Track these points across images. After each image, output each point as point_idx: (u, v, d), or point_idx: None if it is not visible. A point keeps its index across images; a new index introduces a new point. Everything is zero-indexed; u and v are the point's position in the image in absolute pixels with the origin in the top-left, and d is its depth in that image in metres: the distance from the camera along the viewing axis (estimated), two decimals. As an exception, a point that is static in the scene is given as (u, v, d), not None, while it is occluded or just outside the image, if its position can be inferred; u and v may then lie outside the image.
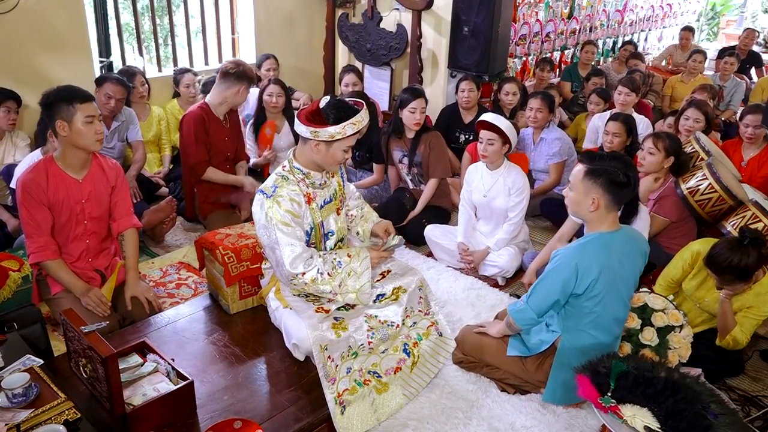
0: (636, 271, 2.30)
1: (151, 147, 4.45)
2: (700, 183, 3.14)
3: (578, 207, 2.24)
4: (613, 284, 2.20)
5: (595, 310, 2.23)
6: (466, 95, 4.49)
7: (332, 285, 2.34)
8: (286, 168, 2.41)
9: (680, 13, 9.07)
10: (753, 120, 3.85)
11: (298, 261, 2.29)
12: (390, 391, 2.34)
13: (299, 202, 2.35)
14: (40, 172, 2.49)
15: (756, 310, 2.64)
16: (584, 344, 2.26)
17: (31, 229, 2.51)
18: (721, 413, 1.81)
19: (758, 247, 2.47)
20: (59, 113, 2.42)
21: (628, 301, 2.33)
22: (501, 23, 4.71)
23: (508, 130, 3.28)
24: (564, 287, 2.19)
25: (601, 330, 2.27)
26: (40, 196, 2.47)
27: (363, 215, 2.73)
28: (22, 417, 1.80)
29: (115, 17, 4.59)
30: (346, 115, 2.27)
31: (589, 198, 2.18)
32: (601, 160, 2.20)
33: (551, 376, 2.35)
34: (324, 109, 2.28)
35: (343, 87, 4.56)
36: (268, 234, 2.30)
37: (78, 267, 2.64)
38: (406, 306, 2.47)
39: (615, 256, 2.19)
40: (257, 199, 2.37)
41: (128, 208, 2.76)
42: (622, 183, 2.15)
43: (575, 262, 2.16)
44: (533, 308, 2.28)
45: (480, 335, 2.57)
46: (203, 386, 2.22)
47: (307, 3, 5.59)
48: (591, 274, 2.15)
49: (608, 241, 2.20)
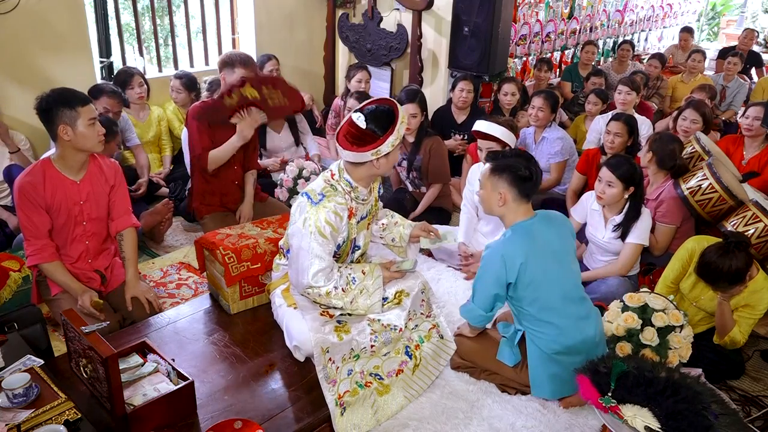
0: (568, 246, 2.40)
1: (151, 147, 4.45)
2: (700, 183, 3.14)
3: (488, 203, 2.40)
4: (545, 267, 2.28)
5: (537, 297, 2.28)
6: (464, 96, 4.47)
7: (344, 301, 2.34)
8: (335, 177, 2.36)
9: (680, 13, 9.06)
10: (755, 112, 3.84)
11: (320, 274, 2.27)
12: (391, 393, 2.34)
13: (342, 216, 2.31)
14: (38, 175, 2.48)
15: (751, 309, 2.64)
16: (545, 333, 2.30)
17: (28, 232, 2.51)
18: (721, 413, 1.81)
19: (744, 249, 2.48)
20: (62, 118, 2.40)
21: (572, 277, 2.37)
22: (501, 23, 4.70)
23: (503, 136, 3.28)
24: (497, 280, 2.28)
25: (554, 313, 2.29)
26: (38, 199, 2.47)
27: (396, 221, 2.72)
28: (23, 417, 1.80)
29: (115, 17, 4.59)
30: (388, 119, 2.24)
31: (496, 193, 2.34)
32: (504, 157, 2.39)
33: (530, 373, 2.37)
34: (369, 126, 2.23)
35: (354, 83, 4.54)
36: (300, 238, 2.26)
37: (78, 268, 2.64)
38: (410, 309, 2.46)
39: (539, 240, 2.30)
40: (299, 201, 2.34)
41: (126, 207, 2.75)
42: (525, 177, 2.31)
43: (500, 254, 2.27)
44: (479, 306, 2.38)
45: (473, 341, 2.57)
46: (204, 386, 2.22)
47: (308, 3, 5.59)
48: (517, 260, 2.24)
49: (527, 228, 2.32)
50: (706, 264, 2.54)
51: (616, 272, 3.05)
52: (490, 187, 2.37)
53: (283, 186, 3.91)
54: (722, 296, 2.61)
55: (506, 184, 2.32)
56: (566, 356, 2.28)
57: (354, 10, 5.55)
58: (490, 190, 2.37)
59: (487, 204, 2.41)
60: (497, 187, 2.34)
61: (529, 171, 2.32)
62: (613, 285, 2.99)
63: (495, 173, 2.35)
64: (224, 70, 3.39)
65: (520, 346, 2.42)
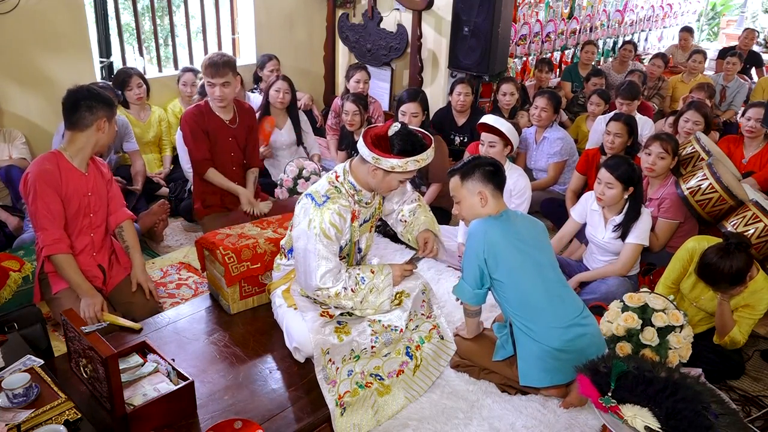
0: (544, 240, 2.46)
1: (151, 147, 4.45)
2: (700, 183, 3.14)
3: (472, 210, 2.42)
4: (525, 253, 2.33)
5: (516, 284, 2.31)
6: (462, 99, 4.47)
7: (354, 301, 2.33)
8: (340, 179, 2.35)
9: (680, 13, 9.06)
10: (755, 113, 3.84)
11: (328, 276, 2.27)
12: (392, 394, 2.34)
13: (345, 217, 2.31)
14: (52, 165, 2.51)
15: (751, 309, 2.64)
16: (531, 324, 2.32)
17: (46, 221, 2.49)
18: (721, 413, 1.81)
19: (744, 249, 2.48)
20: (104, 112, 2.56)
21: (551, 270, 2.40)
22: (501, 23, 4.70)
23: (509, 132, 3.28)
24: (477, 255, 2.33)
25: (536, 306, 2.31)
26: (56, 186, 2.50)
27: (413, 221, 2.62)
28: (23, 417, 1.80)
29: (115, 17, 4.58)
30: (412, 149, 2.21)
31: (476, 196, 2.38)
32: (465, 163, 2.45)
33: (519, 363, 2.37)
34: (392, 137, 2.21)
35: (353, 83, 4.54)
36: (306, 240, 2.26)
37: (82, 262, 2.64)
38: (410, 310, 2.46)
39: (515, 228, 2.37)
40: (303, 202, 2.33)
41: (122, 201, 2.86)
42: (493, 171, 2.39)
43: (483, 230, 2.34)
44: (467, 281, 2.41)
45: (471, 340, 2.57)
46: (204, 386, 2.22)
47: (308, 3, 5.59)
48: (495, 236, 2.31)
49: (503, 218, 2.39)
50: (706, 264, 2.54)
51: (616, 272, 3.05)
52: (467, 194, 2.40)
53: (283, 186, 3.91)
54: (722, 296, 2.61)
55: (481, 182, 2.37)
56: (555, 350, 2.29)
57: (354, 10, 5.54)
58: (469, 195, 2.40)
59: (471, 211, 2.42)
60: (475, 188, 2.38)
61: (493, 165, 2.40)
62: (613, 285, 2.99)
63: (467, 177, 2.39)
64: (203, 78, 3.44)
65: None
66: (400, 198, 2.64)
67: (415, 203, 2.66)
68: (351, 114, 4.06)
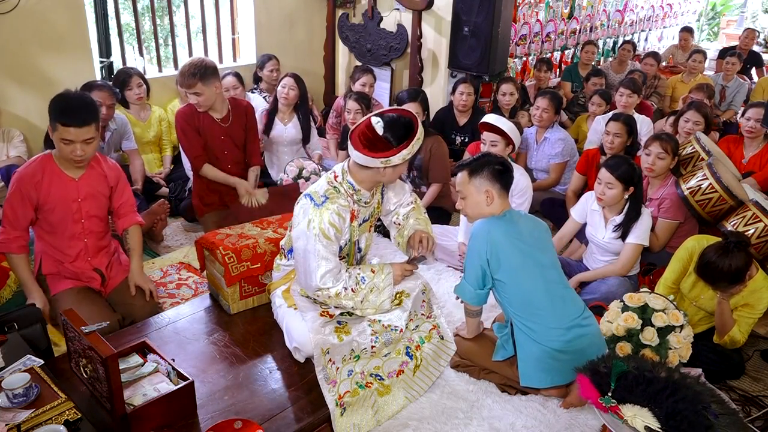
0: (546, 240, 2.46)
1: (152, 147, 4.44)
2: (700, 183, 3.14)
3: (477, 208, 2.42)
4: (527, 254, 2.33)
5: (518, 283, 2.31)
6: (464, 99, 4.47)
7: (354, 301, 2.34)
8: (338, 179, 2.35)
9: (680, 13, 9.06)
10: (755, 113, 3.84)
11: (328, 276, 2.27)
12: (392, 394, 2.34)
13: (344, 217, 2.31)
14: (37, 169, 2.51)
15: (751, 308, 2.64)
16: (532, 324, 2.31)
17: (6, 220, 2.53)
18: (721, 413, 1.81)
19: (743, 248, 2.49)
20: (51, 120, 2.44)
21: (553, 270, 2.40)
22: (501, 23, 4.70)
23: (510, 132, 3.28)
24: (479, 255, 2.33)
25: (538, 306, 2.30)
26: (31, 193, 2.50)
27: (404, 225, 2.61)
28: (23, 417, 1.80)
29: (115, 17, 4.58)
30: (406, 132, 2.22)
31: (482, 194, 2.38)
32: (475, 160, 2.43)
33: (519, 363, 2.38)
34: (385, 134, 2.21)
35: (358, 86, 4.52)
36: (306, 240, 2.26)
37: (77, 267, 2.65)
38: (410, 310, 2.46)
39: (518, 228, 2.37)
40: (302, 203, 2.33)
41: (132, 206, 2.82)
42: (502, 171, 2.38)
43: (487, 229, 2.34)
44: (468, 282, 2.41)
45: (471, 340, 2.57)
46: (204, 386, 2.22)
47: (308, 3, 5.59)
48: (498, 236, 2.31)
49: (506, 218, 2.38)
50: (706, 264, 2.54)
51: (616, 272, 3.05)
52: (474, 191, 2.40)
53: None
54: (722, 295, 2.61)
55: (488, 180, 2.37)
56: (556, 351, 2.29)
57: (354, 10, 5.54)
58: (476, 192, 2.39)
59: (476, 209, 2.42)
60: (482, 186, 2.38)
61: (502, 164, 2.39)
62: (613, 285, 2.99)
63: (475, 174, 2.39)
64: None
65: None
66: (398, 199, 2.64)
67: (410, 206, 2.66)
68: (353, 112, 4.06)
